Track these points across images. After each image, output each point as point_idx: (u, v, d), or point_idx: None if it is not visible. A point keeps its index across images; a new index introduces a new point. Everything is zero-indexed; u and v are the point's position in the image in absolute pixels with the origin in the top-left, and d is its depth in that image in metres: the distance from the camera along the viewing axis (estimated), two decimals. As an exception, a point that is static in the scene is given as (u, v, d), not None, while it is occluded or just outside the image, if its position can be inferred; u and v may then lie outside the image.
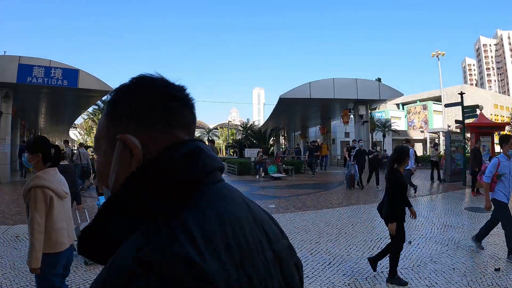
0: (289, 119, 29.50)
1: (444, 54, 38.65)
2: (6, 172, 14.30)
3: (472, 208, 8.43)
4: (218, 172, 0.66)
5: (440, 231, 6.22)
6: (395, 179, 3.93)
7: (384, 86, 19.45)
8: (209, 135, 61.79)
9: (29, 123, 25.76)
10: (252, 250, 0.56)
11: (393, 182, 3.92)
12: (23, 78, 13.38)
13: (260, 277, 0.55)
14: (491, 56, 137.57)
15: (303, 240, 5.62)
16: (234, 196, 0.64)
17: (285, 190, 12.06)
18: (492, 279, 3.91)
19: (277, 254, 0.62)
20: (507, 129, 39.24)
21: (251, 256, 0.55)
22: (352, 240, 5.64)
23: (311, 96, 18.12)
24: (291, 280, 0.63)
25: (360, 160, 12.42)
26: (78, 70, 14.26)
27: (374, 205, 8.94)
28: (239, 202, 0.63)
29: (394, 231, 3.81)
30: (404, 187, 4.02)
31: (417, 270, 4.22)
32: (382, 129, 38.00)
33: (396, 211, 3.87)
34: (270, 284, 0.56)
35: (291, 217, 7.48)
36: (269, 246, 0.61)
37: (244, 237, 0.56)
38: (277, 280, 0.59)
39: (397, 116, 59.23)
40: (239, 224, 0.57)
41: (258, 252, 0.57)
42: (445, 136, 16.02)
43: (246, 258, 0.54)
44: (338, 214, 7.78)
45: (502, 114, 63.71)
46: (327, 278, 4.01)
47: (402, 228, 3.92)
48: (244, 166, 18.60)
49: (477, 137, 15.23)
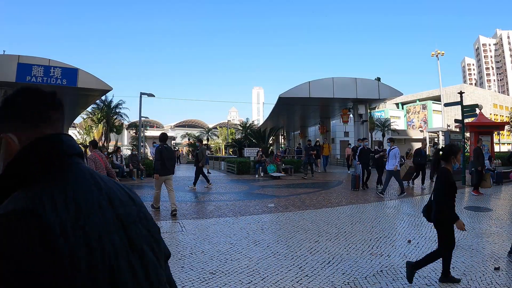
0: (288, 119, 29.52)
1: (443, 53, 38.69)
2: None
3: (472, 207, 8.44)
4: (76, 157, 0.88)
5: (439, 230, 6.21)
6: (444, 178, 3.74)
7: (383, 85, 19.45)
8: (209, 135, 61.76)
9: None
10: (90, 209, 0.77)
11: (444, 181, 3.73)
12: (22, 77, 13.38)
13: (96, 229, 0.75)
14: (490, 55, 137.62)
15: (303, 239, 5.61)
16: (84, 173, 0.85)
17: (284, 190, 12.05)
18: (492, 278, 3.90)
19: (120, 216, 0.83)
20: (507, 128, 39.31)
21: (89, 212, 0.76)
22: (352, 239, 5.64)
23: (310, 96, 18.12)
24: (136, 239, 0.84)
25: (364, 160, 12.11)
26: (77, 69, 14.26)
27: (373, 204, 8.96)
28: (87, 176, 0.85)
29: (463, 227, 3.70)
30: (455, 186, 3.79)
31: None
32: (382, 128, 38.05)
33: (452, 211, 3.70)
34: (107, 237, 0.76)
35: (290, 216, 7.48)
36: (112, 209, 0.82)
37: (85, 200, 0.78)
38: (118, 236, 0.79)
39: (396, 116, 59.29)
40: (82, 190, 0.80)
41: (96, 211, 0.78)
42: (444, 136, 16.02)
43: (84, 213, 0.75)
44: (337, 213, 7.78)
45: (501, 114, 63.82)
46: (326, 277, 4.00)
47: (453, 231, 3.76)
48: (243, 166, 18.60)
49: (476, 137, 15.26)
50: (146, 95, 22.10)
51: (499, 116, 62.05)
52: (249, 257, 4.70)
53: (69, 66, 14.20)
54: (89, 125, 39.61)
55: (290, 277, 3.98)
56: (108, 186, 0.88)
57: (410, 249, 5.07)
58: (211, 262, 4.49)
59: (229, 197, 10.44)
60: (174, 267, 4.30)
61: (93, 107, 33.59)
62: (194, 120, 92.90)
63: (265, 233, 6.05)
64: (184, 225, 6.60)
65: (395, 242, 5.49)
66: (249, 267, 4.31)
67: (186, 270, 4.20)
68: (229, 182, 15.30)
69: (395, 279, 3.92)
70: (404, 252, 4.92)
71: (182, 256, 4.73)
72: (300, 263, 4.46)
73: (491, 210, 8.07)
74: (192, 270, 4.20)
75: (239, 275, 4.05)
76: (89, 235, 0.73)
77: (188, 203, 9.18)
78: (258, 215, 7.58)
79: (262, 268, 4.29)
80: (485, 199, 9.65)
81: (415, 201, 9.63)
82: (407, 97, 65.40)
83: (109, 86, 15.04)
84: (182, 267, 4.30)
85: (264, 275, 4.06)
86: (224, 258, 4.67)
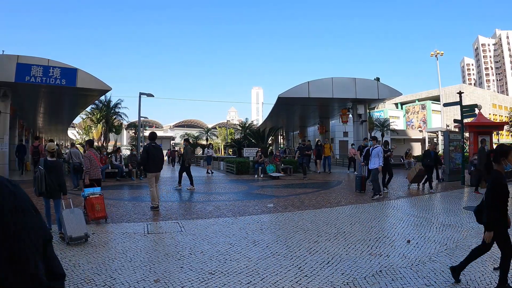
0: (287, 119, 29.49)
1: (442, 53, 38.71)
2: (4, 171, 14.28)
3: (471, 207, 8.44)
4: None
5: (439, 230, 6.22)
6: (495, 180, 3.57)
7: (382, 85, 19.42)
8: (208, 135, 61.73)
9: (27, 122, 25.70)
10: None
11: (494, 184, 3.56)
12: (22, 77, 13.33)
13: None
14: (489, 55, 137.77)
15: (302, 239, 5.61)
16: None
17: (284, 190, 12.05)
18: (491, 278, 3.91)
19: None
20: (506, 128, 39.37)
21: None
22: (351, 239, 5.64)
23: (309, 96, 18.09)
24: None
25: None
26: (77, 69, 14.21)
27: (373, 205, 8.96)
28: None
29: (489, 239, 3.56)
30: (506, 188, 3.55)
31: (416, 269, 4.22)
32: (381, 128, 37.99)
33: (499, 217, 3.54)
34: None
35: (289, 216, 7.48)
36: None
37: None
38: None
39: (395, 116, 59.31)
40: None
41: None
42: (443, 136, 16.03)
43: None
44: (336, 214, 7.78)
45: (500, 114, 63.87)
46: (325, 278, 4.00)
47: (508, 236, 3.59)
48: (242, 166, 18.59)
49: (476, 137, 15.27)
50: (145, 95, 22.08)
51: (498, 116, 62.11)
52: (248, 257, 4.70)
53: (69, 66, 14.16)
54: (88, 125, 39.62)
55: (289, 277, 3.98)
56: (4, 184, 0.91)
57: (409, 249, 5.07)
58: (210, 262, 4.49)
59: (228, 197, 10.44)
60: (173, 267, 4.30)
61: (92, 107, 33.59)
62: (193, 120, 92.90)
63: (264, 233, 6.05)
64: (183, 225, 6.60)
65: (394, 242, 5.49)
66: (248, 267, 4.31)
67: (185, 270, 4.20)
68: (228, 182, 15.30)
69: (394, 279, 3.92)
70: (403, 252, 4.93)
71: (181, 256, 4.73)
72: (299, 263, 4.46)
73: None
74: (191, 270, 4.20)
75: (238, 275, 4.04)
76: None
77: (187, 203, 9.17)
78: (257, 215, 7.57)
79: (262, 268, 4.29)
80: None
81: (414, 201, 9.64)
82: (406, 97, 65.44)
83: (108, 86, 14.99)
84: (181, 267, 4.30)
85: (263, 275, 4.06)
86: (223, 258, 4.67)
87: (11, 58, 13.44)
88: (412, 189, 11.85)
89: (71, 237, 5.28)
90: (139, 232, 6.11)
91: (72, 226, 5.36)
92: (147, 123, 65.78)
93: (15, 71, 13.24)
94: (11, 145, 17.04)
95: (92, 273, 4.08)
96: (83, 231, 5.41)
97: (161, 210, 8.17)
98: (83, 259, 4.56)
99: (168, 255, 4.81)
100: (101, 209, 6.74)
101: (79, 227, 5.40)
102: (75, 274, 4.05)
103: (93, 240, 5.56)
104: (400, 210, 8.46)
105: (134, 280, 3.89)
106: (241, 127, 41.30)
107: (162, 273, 4.12)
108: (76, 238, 5.33)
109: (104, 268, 4.26)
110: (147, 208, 8.31)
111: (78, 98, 17.78)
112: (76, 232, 5.34)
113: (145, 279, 3.92)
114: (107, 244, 5.38)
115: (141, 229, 6.33)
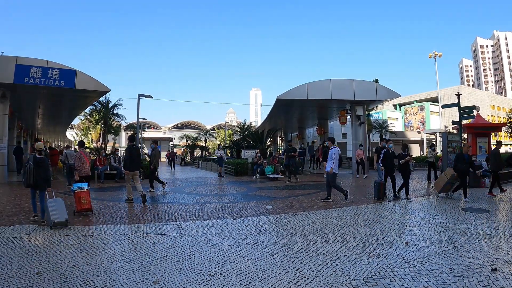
0: (286, 120, 29.51)
1: (441, 55, 38.75)
2: (3, 173, 14.28)
3: (469, 208, 8.47)
4: None
5: (437, 231, 6.24)
6: None
7: (381, 87, 19.47)
8: (206, 136, 61.66)
9: (26, 123, 25.67)
10: None
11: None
12: (20, 78, 13.34)
13: None
14: (488, 57, 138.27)
15: (300, 241, 5.62)
16: None
17: (282, 191, 12.07)
18: (489, 279, 3.93)
19: None
20: (504, 129, 39.44)
21: None
22: (349, 240, 5.65)
23: (308, 97, 18.14)
24: None
25: (389, 164, 10.52)
26: (75, 70, 14.22)
27: (371, 206, 8.98)
28: None
29: None
30: None
31: (414, 271, 4.24)
32: (379, 130, 38.08)
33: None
34: None
35: (288, 218, 7.49)
36: None
37: None
38: None
39: (394, 117, 59.50)
40: None
41: None
42: (442, 137, 16.07)
43: None
44: (335, 215, 7.79)
45: (499, 115, 64.05)
46: (324, 279, 4.01)
47: None
48: (241, 167, 18.61)
49: (474, 138, 15.32)
50: (144, 97, 22.08)
51: (496, 118, 62.33)
52: (247, 259, 4.71)
53: (67, 67, 14.16)
54: (87, 126, 39.52)
55: (288, 279, 4.00)
56: None
57: (407, 250, 5.09)
58: (209, 264, 4.50)
59: (227, 199, 10.44)
60: (172, 269, 4.30)
61: (91, 108, 33.55)
62: (192, 122, 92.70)
63: (263, 235, 6.06)
64: (182, 226, 6.60)
65: (393, 243, 5.50)
66: (247, 269, 4.32)
67: (184, 272, 4.20)
68: (227, 183, 15.30)
69: (393, 281, 3.93)
70: (402, 253, 4.94)
71: (180, 258, 4.74)
72: (298, 265, 4.47)
73: (488, 212, 8.11)
74: (190, 272, 4.21)
75: (237, 277, 4.05)
76: None
77: (186, 205, 9.17)
78: (256, 217, 7.58)
79: (260, 269, 4.30)
80: (483, 200, 9.70)
81: (414, 202, 9.65)
82: (405, 98, 65.62)
83: (107, 88, 15.01)
84: (180, 269, 4.31)
85: (262, 276, 4.07)
86: (222, 259, 4.68)
87: (10, 59, 13.45)
88: (449, 197, 10.41)
89: (54, 222, 6.28)
90: (138, 234, 6.11)
91: (55, 213, 6.36)
92: (145, 124, 65.73)
93: (14, 72, 13.26)
94: (10, 147, 17.03)
95: (91, 275, 4.08)
96: (64, 217, 6.42)
97: (159, 211, 8.20)
98: (82, 261, 4.57)
99: (167, 256, 4.82)
100: (87, 202, 7.57)
101: (61, 214, 6.41)
102: (74, 275, 4.06)
103: (92, 241, 5.56)
104: (399, 212, 8.49)
105: (133, 281, 3.90)
106: (240, 129, 41.24)
107: (161, 274, 4.13)
108: (58, 223, 6.32)
109: (103, 270, 4.26)
110: (146, 209, 8.34)
111: (77, 99, 17.78)
112: (58, 218, 6.35)
113: (144, 281, 3.92)
114: (106, 245, 5.38)
115: (140, 230, 6.33)
